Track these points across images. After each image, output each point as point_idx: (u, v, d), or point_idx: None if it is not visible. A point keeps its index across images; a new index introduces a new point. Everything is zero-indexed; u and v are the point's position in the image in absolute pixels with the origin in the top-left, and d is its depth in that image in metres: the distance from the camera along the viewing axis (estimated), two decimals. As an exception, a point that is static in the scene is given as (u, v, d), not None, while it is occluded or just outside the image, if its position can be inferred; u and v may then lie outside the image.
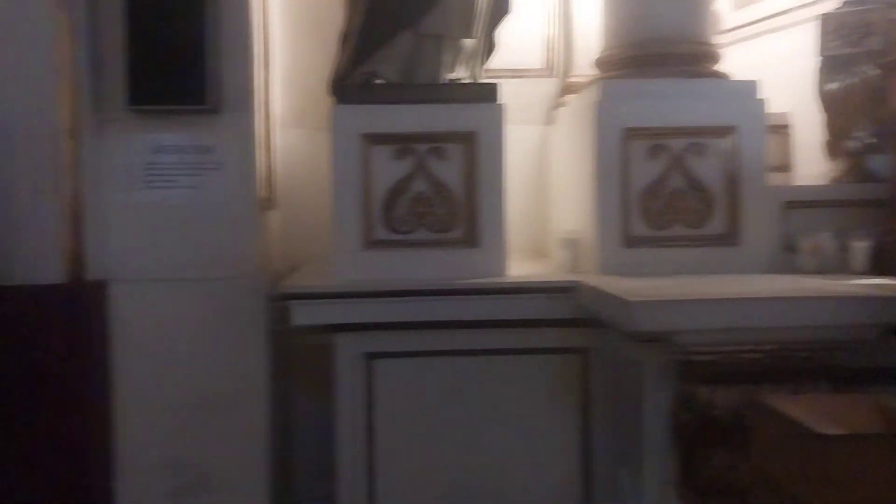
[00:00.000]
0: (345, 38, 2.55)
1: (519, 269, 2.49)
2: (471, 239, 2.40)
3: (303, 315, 2.30)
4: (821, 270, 2.33)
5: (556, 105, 3.02)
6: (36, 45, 2.38)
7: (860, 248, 2.34)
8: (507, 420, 2.40)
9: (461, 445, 2.41)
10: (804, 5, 2.96)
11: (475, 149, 2.39)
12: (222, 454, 2.54)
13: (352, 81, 2.45)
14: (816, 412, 1.49)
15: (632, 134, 2.40)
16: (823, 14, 2.66)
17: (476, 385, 2.39)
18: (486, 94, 2.46)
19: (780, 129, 2.78)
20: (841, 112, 2.61)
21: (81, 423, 2.43)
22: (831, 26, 2.60)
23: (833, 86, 2.62)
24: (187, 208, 2.54)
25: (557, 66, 3.09)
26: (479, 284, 2.33)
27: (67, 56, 2.42)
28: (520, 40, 3.00)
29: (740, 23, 3.21)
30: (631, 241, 2.41)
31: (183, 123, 2.54)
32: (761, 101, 2.46)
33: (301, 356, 2.82)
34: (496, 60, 2.70)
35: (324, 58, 2.66)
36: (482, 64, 2.66)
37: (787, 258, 2.42)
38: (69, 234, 2.43)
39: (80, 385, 2.42)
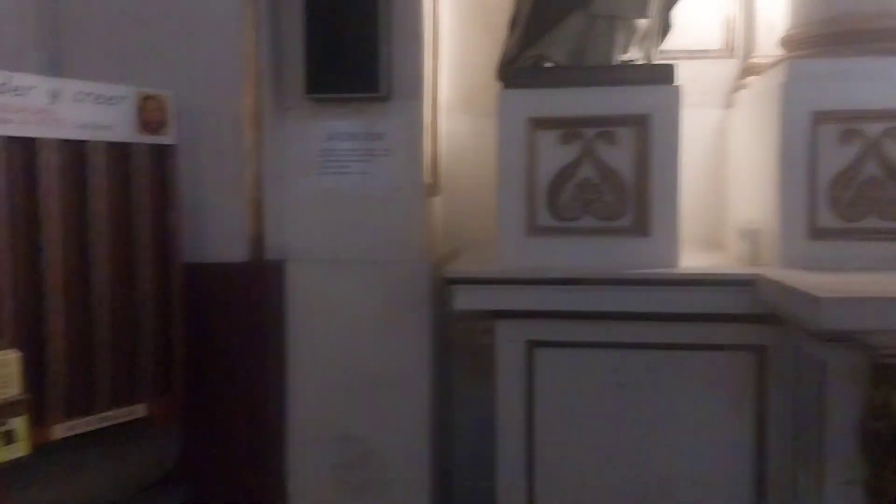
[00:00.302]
0: (514, 22, 2.53)
1: (692, 260, 2.37)
2: (641, 227, 2.30)
3: (465, 299, 2.31)
4: None
5: (737, 87, 2.84)
6: (223, 37, 2.54)
7: None
8: (676, 417, 2.29)
9: (626, 442, 2.33)
10: None
11: (648, 133, 2.28)
12: (386, 432, 2.62)
13: (520, 65, 2.42)
14: None
15: (821, 118, 2.21)
16: None
17: (643, 380, 2.30)
18: (661, 75, 2.35)
19: None
20: None
21: (259, 392, 2.59)
22: None
23: None
24: (358, 193, 2.63)
25: (738, 47, 2.90)
26: (649, 275, 2.23)
27: (251, 48, 2.56)
28: (697, 20, 2.84)
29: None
30: (817, 234, 2.22)
31: (356, 111, 2.62)
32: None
33: (462, 342, 2.84)
34: (672, 41, 2.57)
35: (492, 44, 2.66)
36: (657, 45, 2.54)
37: None
38: (251, 216, 2.59)
39: (258, 357, 2.58)
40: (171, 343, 2.38)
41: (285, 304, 2.64)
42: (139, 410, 2.29)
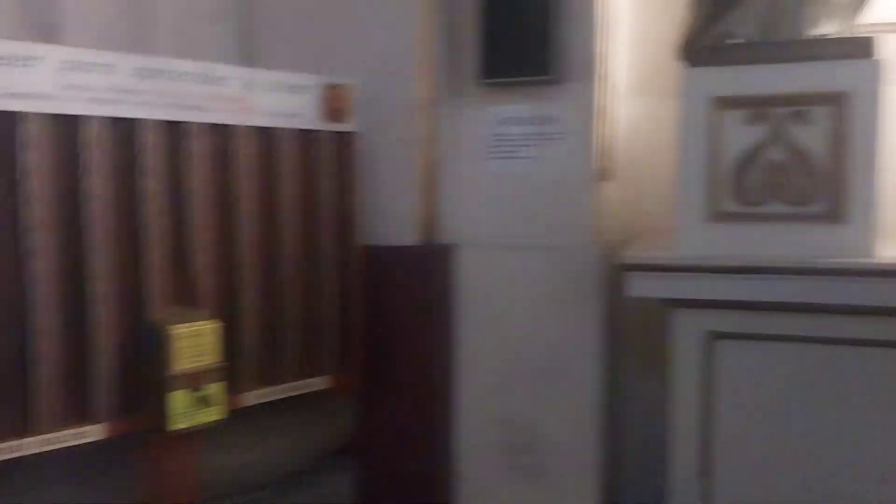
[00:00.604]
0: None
1: (891, 249, 2.17)
2: (835, 214, 2.13)
3: (641, 287, 2.23)
4: None
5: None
6: (400, 26, 2.61)
7: None
8: (872, 419, 2.11)
9: (809, 442, 2.17)
10: None
11: (845, 111, 2.10)
12: (554, 419, 2.60)
13: (704, 43, 2.31)
14: None
15: None
16: None
17: (835, 377, 2.13)
18: (859, 49, 2.15)
19: None
20: None
21: (429, 372, 2.65)
22: None
23: None
24: (529, 178, 2.62)
25: (949, 17, 2.61)
26: (843, 265, 2.06)
27: (427, 35, 2.62)
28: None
29: None
30: None
31: (527, 95, 2.61)
32: None
33: (634, 332, 2.77)
34: (871, 14, 2.36)
35: (668, 23, 2.55)
36: (854, 18, 2.34)
37: None
38: (423, 200, 2.65)
39: (428, 338, 2.64)
40: (350, 321, 2.48)
41: (455, 288, 2.68)
42: (321, 383, 2.41)
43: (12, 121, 1.80)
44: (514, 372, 2.64)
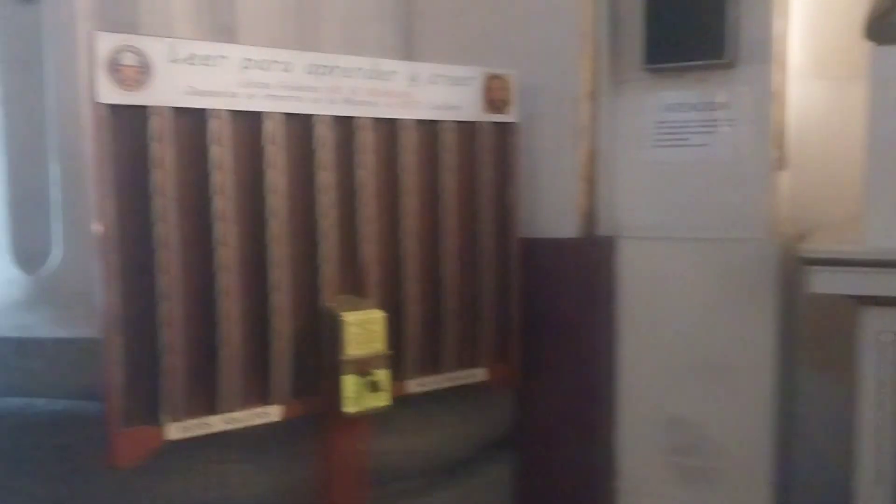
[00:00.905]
0: (887, -28, 2.21)
1: None
2: None
3: (824, 283, 2.08)
4: None
5: None
6: (561, 14, 2.56)
7: None
8: None
9: None
10: None
11: None
12: (724, 420, 2.48)
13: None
14: None
15: None
16: None
17: None
18: None
19: None
20: None
21: (589, 368, 2.60)
22: None
23: None
24: (696, 167, 2.50)
25: None
26: None
27: (589, 23, 2.56)
28: None
29: None
30: None
31: (696, 80, 2.49)
32: None
33: (812, 330, 2.59)
34: None
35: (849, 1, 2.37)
36: None
37: None
38: (583, 191, 2.60)
39: (589, 333, 2.59)
40: (508, 313, 2.48)
41: (616, 282, 2.61)
42: (480, 374, 2.42)
43: (202, 117, 1.92)
44: (680, 369, 2.54)
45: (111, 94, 1.80)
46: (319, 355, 2.09)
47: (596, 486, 2.65)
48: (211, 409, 1.98)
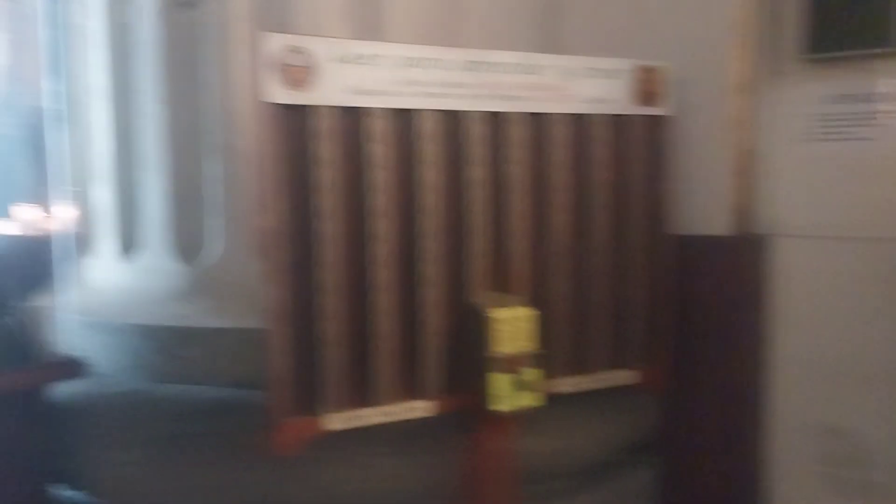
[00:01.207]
0: None
1: None
2: None
3: None
4: None
5: None
6: (714, 4, 2.46)
7: None
8: None
9: None
10: None
11: None
12: (885, 430, 2.32)
13: None
14: None
15: None
16: None
17: None
18: None
19: None
20: None
21: (737, 373, 2.49)
22: None
23: None
24: (859, 161, 2.35)
25: None
26: None
27: (743, 12, 2.44)
28: None
29: None
30: None
31: (860, 69, 2.34)
32: None
33: None
34: None
35: None
36: None
37: None
38: (738, 187, 2.49)
39: (739, 336, 2.48)
40: (658, 313, 2.40)
41: (770, 282, 2.49)
42: (630, 376, 2.36)
43: (362, 116, 1.95)
44: (837, 375, 2.40)
45: (279, 93, 1.85)
46: (468, 352, 2.09)
47: (743, 497, 2.54)
48: (365, 401, 2.01)
